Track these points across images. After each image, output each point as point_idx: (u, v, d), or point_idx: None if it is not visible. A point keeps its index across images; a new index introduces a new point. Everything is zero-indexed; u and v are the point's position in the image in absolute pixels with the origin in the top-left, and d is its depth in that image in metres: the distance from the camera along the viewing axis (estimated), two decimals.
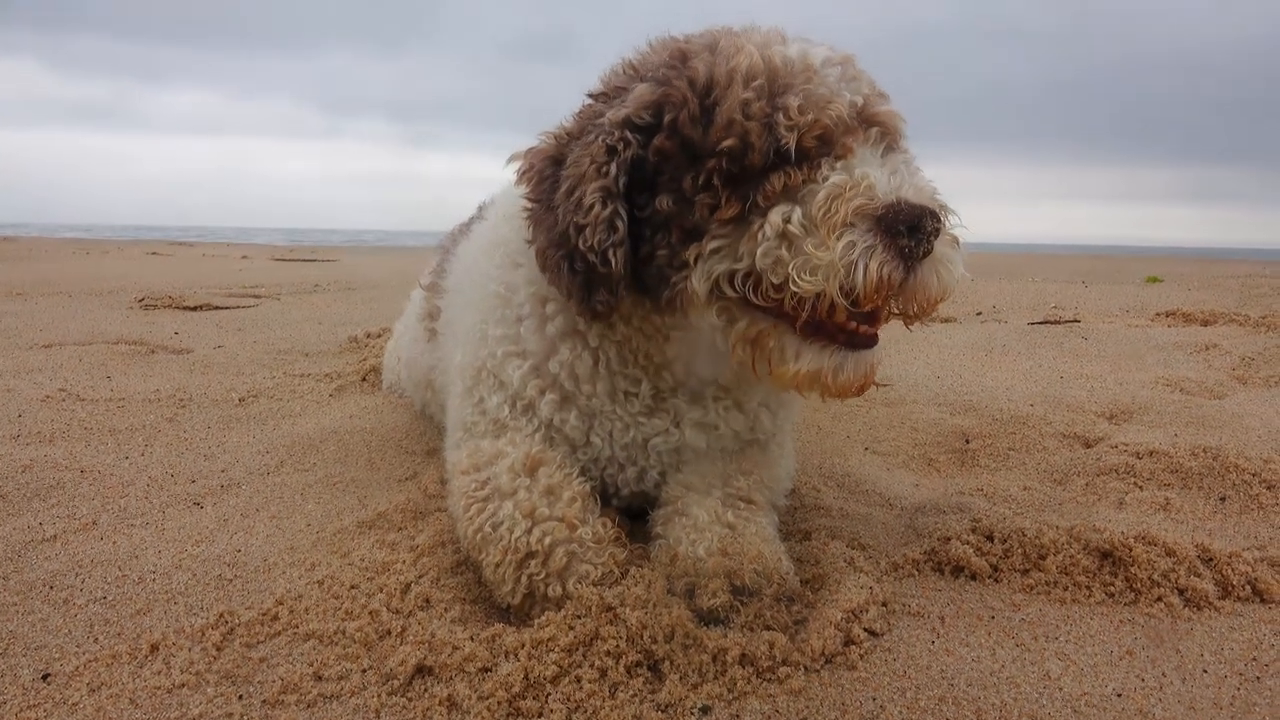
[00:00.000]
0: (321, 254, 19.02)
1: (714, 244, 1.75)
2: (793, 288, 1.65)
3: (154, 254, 16.89)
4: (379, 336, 5.34)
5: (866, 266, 1.59)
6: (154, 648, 1.67)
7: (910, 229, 1.60)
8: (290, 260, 15.70)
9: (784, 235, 1.67)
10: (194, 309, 7.09)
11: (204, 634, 1.72)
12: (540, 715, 1.46)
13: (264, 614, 1.78)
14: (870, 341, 1.76)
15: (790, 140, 1.70)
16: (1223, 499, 2.59)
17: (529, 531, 1.85)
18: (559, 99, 2.03)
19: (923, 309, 1.74)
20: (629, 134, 1.81)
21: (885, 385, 3.90)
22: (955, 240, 1.76)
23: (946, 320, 6.71)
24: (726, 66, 1.77)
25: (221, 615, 1.78)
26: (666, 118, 1.79)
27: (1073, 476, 2.81)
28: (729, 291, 1.77)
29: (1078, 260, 19.51)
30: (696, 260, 1.77)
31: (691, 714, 1.47)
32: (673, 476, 2.14)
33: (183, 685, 1.56)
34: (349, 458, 2.95)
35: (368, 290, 9.17)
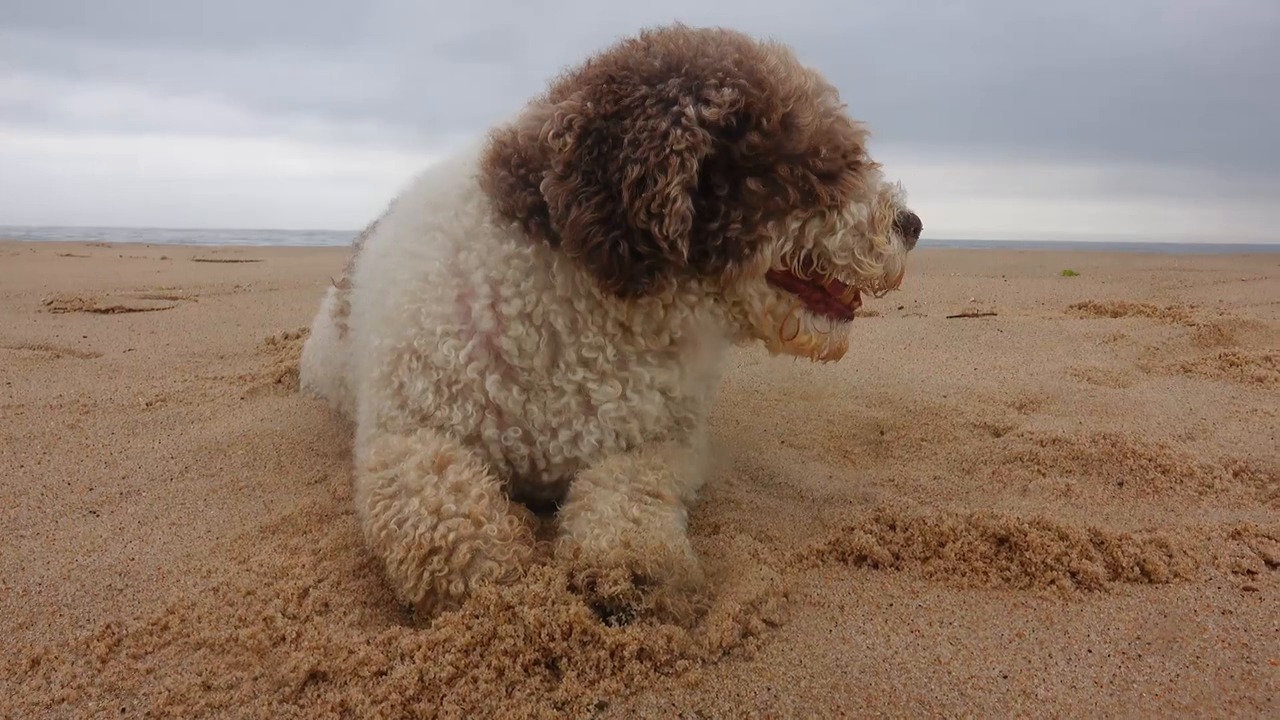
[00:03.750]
0: (247, 254, 18.60)
1: (795, 224, 2.03)
2: (859, 270, 2.06)
3: (68, 255, 16.33)
4: (298, 338, 5.23)
5: (902, 259, 2.12)
6: (34, 662, 1.61)
7: (915, 232, 2.15)
8: (212, 261, 15.32)
9: (857, 228, 2.05)
10: (105, 312, 6.87)
11: (88, 646, 1.66)
12: (435, 717, 1.45)
13: (153, 624, 1.73)
14: (852, 315, 2.24)
15: (856, 144, 2.10)
16: (1120, 484, 2.67)
17: (434, 528, 1.83)
18: (498, 99, 2.06)
19: (891, 288, 2.19)
20: (707, 133, 1.92)
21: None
22: None
23: (869, 314, 6.81)
24: (795, 83, 2.02)
25: (108, 626, 1.72)
26: (760, 120, 1.97)
27: (980, 465, 2.88)
28: (778, 265, 2.06)
29: (1001, 255, 19.98)
30: (776, 233, 2.02)
31: (588, 710, 1.47)
32: (581, 472, 2.14)
33: (63, 700, 1.50)
34: (257, 461, 2.88)
35: (291, 291, 9.00)
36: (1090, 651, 1.66)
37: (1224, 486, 2.61)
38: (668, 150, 1.87)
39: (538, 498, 2.23)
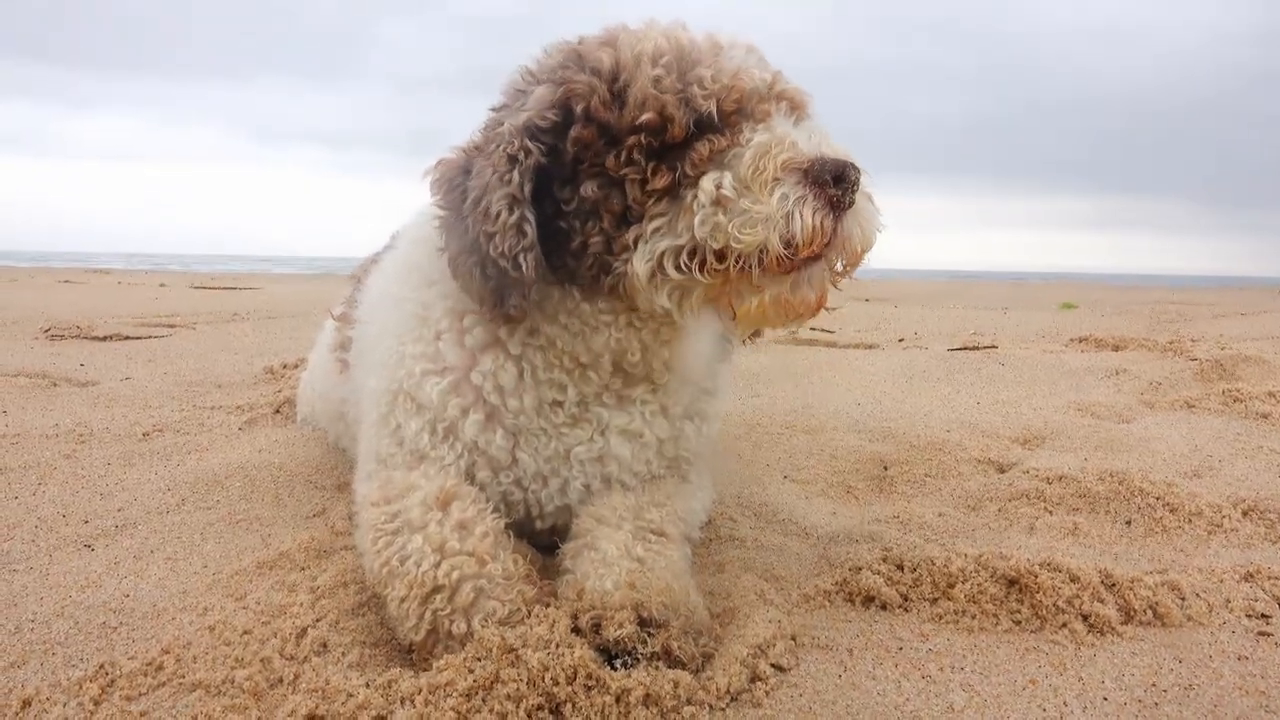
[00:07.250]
0: (245, 281, 18.60)
1: (654, 224, 1.80)
2: (734, 245, 1.71)
3: (66, 282, 16.33)
4: (296, 367, 5.20)
5: (803, 214, 1.68)
6: (26, 703, 1.57)
7: (836, 179, 1.69)
8: (210, 288, 15.31)
9: (718, 201, 1.73)
10: (103, 339, 6.84)
11: (81, 687, 1.62)
12: None
13: (148, 664, 1.69)
14: (814, 260, 1.77)
15: (710, 107, 1.78)
16: (1128, 522, 2.64)
17: (437, 566, 1.80)
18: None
19: (851, 261, 1.83)
20: (528, 141, 1.86)
21: (835, 308, 3.70)
22: (870, 197, 1.83)
23: (870, 347, 6.80)
24: (632, 51, 1.84)
25: (102, 666, 1.68)
26: (578, 108, 1.84)
27: (986, 502, 2.85)
28: (673, 274, 1.80)
29: (998, 287, 20.05)
30: (637, 242, 1.81)
31: None
32: (583, 509, 2.10)
33: None
34: (255, 494, 2.84)
35: (289, 319, 8.97)
36: (1106, 699, 1.62)
37: (1233, 526, 2.58)
38: (490, 167, 1.87)
39: (539, 537, 2.19)
